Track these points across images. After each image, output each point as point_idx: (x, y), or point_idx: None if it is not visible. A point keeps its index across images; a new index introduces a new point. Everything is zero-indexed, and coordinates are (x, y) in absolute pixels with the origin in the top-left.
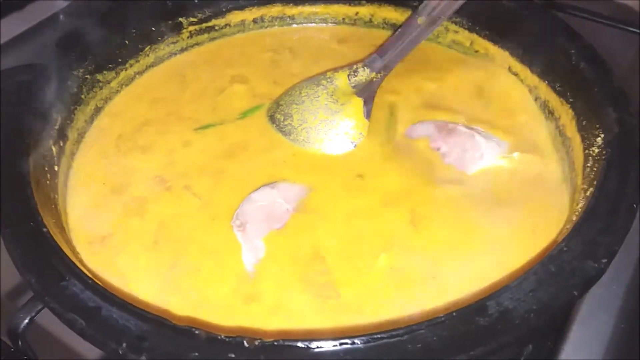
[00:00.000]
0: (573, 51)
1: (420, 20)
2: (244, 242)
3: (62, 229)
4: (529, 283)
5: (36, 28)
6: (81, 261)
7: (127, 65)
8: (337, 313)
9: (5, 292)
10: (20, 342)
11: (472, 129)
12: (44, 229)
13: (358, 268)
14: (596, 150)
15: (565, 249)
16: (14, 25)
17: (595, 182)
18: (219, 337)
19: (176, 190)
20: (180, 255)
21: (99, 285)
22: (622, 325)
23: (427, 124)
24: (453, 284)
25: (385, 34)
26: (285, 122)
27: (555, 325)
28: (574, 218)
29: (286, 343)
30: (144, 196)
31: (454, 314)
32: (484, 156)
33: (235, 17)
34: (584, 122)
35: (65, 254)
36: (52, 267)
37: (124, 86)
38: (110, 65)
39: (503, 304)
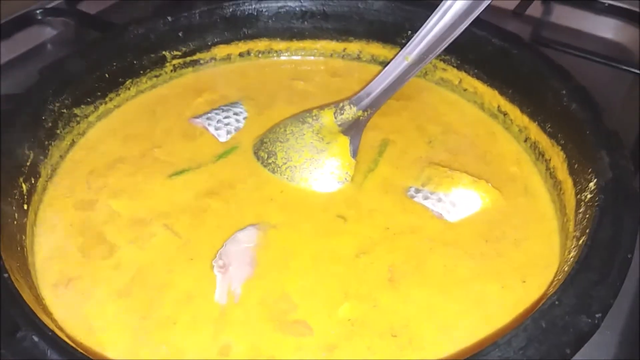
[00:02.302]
0: (564, 92)
1: (408, 58)
2: (222, 284)
3: (28, 272)
4: (518, 340)
5: (22, 57)
6: (44, 308)
7: (107, 99)
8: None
9: None
10: None
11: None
12: (5, 275)
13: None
14: (589, 196)
15: (557, 302)
16: (1, 54)
17: (588, 231)
18: None
19: (153, 229)
20: (153, 303)
21: (59, 338)
22: None
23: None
24: (419, 343)
25: (376, 68)
26: (269, 160)
27: None
28: (566, 268)
29: None
30: (116, 237)
31: None
32: (469, 206)
33: (220, 51)
34: (576, 166)
35: (25, 302)
36: (9, 317)
37: (100, 119)
38: (89, 99)
39: None
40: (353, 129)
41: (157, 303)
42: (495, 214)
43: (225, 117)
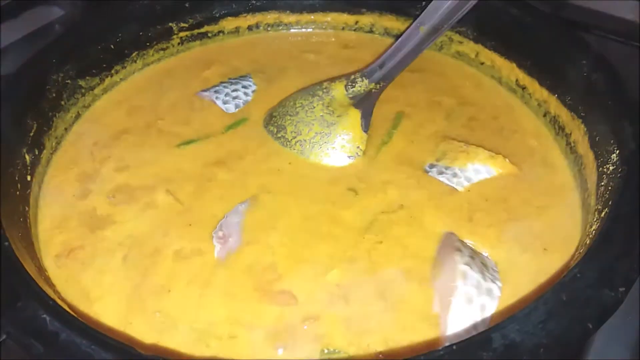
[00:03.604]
0: (584, 62)
1: (422, 29)
2: (221, 257)
3: (30, 244)
4: (538, 313)
5: (31, 36)
6: (47, 279)
7: (113, 71)
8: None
9: None
10: None
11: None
12: (6, 243)
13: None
14: (611, 168)
15: (578, 275)
16: (9, 33)
17: (610, 203)
18: None
19: (155, 195)
20: (148, 271)
21: (60, 307)
22: None
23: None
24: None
25: (389, 41)
26: (279, 135)
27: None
28: (588, 241)
29: None
30: (118, 207)
31: (454, 347)
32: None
33: (229, 23)
34: (597, 138)
35: (26, 271)
36: (10, 287)
37: (105, 92)
38: (94, 71)
39: (509, 337)
40: (365, 102)
41: (151, 270)
42: (515, 183)
43: (234, 91)
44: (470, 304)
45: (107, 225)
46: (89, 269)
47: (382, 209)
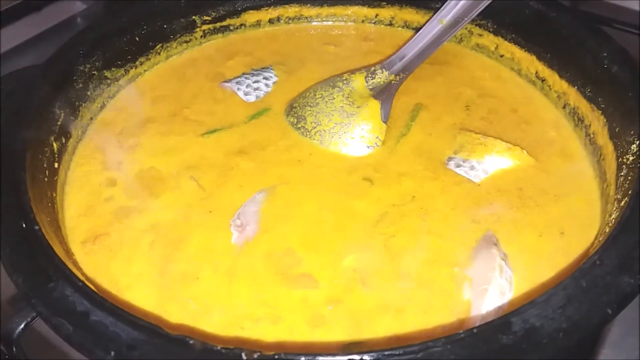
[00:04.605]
0: (605, 54)
1: (442, 21)
2: (238, 244)
3: (58, 228)
4: (558, 299)
5: (53, 30)
6: (75, 263)
7: (137, 62)
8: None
9: (7, 297)
10: (14, 349)
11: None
12: (36, 227)
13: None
14: (631, 158)
15: (598, 262)
16: (31, 26)
17: (630, 192)
18: (216, 349)
19: (180, 181)
20: (174, 258)
21: (89, 288)
22: None
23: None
24: None
25: (409, 33)
26: (299, 125)
27: (582, 348)
28: (607, 230)
29: (288, 357)
30: (143, 193)
31: (475, 330)
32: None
33: (250, 17)
34: (617, 129)
35: (56, 254)
36: (40, 268)
37: (129, 82)
38: (119, 62)
39: (529, 321)
40: (384, 94)
41: (177, 257)
42: (532, 173)
43: (255, 82)
44: (502, 296)
45: (131, 212)
46: (116, 257)
47: (394, 201)
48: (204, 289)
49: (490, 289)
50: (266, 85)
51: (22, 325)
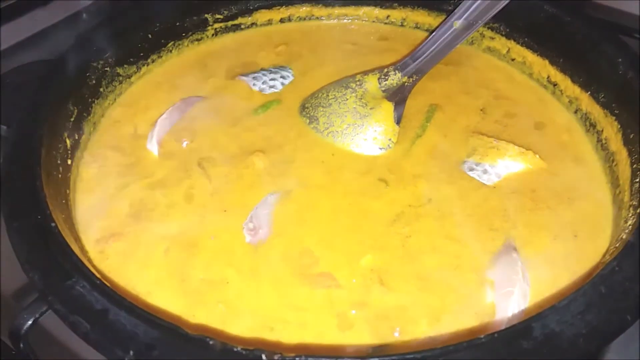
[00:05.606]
0: (620, 60)
1: (456, 23)
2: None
3: (72, 226)
4: (577, 304)
5: (58, 25)
6: (90, 260)
7: (149, 60)
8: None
9: (12, 292)
10: (22, 345)
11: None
12: (52, 224)
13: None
14: None
15: (617, 268)
16: (36, 22)
17: None
18: (235, 349)
19: (193, 181)
20: (193, 260)
21: (107, 286)
22: None
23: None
24: None
25: (423, 34)
26: (311, 126)
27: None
28: (624, 236)
29: (308, 359)
30: (156, 192)
31: (496, 335)
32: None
33: (262, 16)
34: (632, 135)
35: (73, 252)
36: (58, 265)
37: (140, 79)
38: (131, 59)
39: (549, 326)
40: (397, 95)
41: (196, 260)
42: (544, 176)
43: (272, 79)
44: (525, 299)
45: (145, 211)
46: (132, 258)
47: (410, 202)
48: (233, 292)
49: (516, 291)
50: (282, 84)
51: (31, 321)
